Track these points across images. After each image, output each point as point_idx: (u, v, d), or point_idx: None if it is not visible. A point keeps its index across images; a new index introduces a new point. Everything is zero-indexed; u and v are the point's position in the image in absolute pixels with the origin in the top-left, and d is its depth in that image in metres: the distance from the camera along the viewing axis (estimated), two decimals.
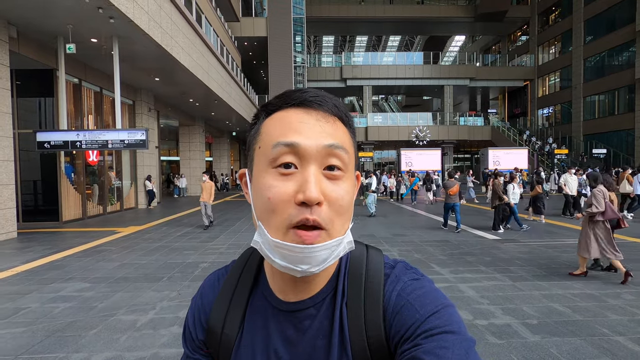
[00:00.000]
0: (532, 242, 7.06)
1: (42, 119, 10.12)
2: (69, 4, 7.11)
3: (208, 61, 14.48)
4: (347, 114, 0.54)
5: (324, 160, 0.48)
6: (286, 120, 0.50)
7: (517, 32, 37.49)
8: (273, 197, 0.47)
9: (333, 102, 0.52)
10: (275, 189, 0.47)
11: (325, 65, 35.32)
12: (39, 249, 6.83)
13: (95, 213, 11.70)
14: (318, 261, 0.47)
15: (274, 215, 0.47)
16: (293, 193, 0.47)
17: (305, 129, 0.48)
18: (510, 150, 25.97)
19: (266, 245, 0.49)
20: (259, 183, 0.50)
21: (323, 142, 0.48)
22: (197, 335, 0.60)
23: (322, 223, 0.46)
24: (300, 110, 0.50)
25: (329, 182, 0.48)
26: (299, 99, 0.51)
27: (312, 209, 0.46)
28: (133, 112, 14.20)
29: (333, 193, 0.48)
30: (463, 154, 43.20)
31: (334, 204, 0.48)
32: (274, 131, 0.50)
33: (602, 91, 26.25)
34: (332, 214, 0.48)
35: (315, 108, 0.50)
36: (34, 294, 4.31)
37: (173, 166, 32.20)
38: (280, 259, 0.48)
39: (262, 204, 0.49)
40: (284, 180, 0.47)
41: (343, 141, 0.50)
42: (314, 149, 0.48)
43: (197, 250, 6.57)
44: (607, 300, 3.97)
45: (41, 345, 3.03)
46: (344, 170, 0.50)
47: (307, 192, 0.45)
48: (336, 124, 0.51)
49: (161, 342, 3.06)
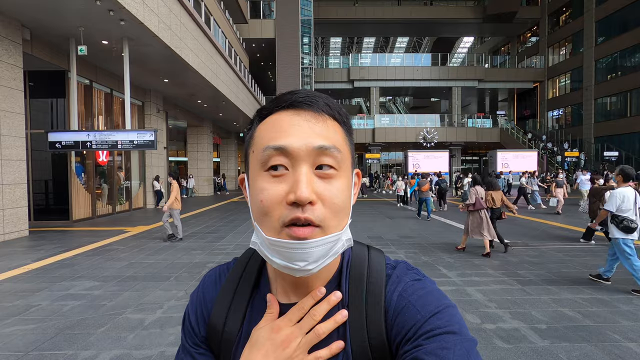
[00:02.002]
0: (541, 246, 6.96)
1: (53, 120, 10.30)
2: (80, 6, 7.24)
3: (216, 63, 14.59)
4: (340, 111, 0.54)
5: (316, 160, 0.49)
6: (277, 123, 0.51)
7: (527, 33, 37.07)
8: (265, 199, 0.48)
9: (324, 101, 0.52)
10: (267, 191, 0.48)
11: (332, 66, 35.33)
12: (49, 247, 6.94)
13: (104, 212, 11.85)
14: (315, 257, 0.47)
15: (267, 217, 0.48)
16: (284, 194, 0.47)
17: (294, 131, 0.49)
18: (520, 152, 25.67)
19: (263, 245, 0.50)
20: (253, 187, 0.51)
21: (313, 143, 0.48)
22: (199, 330, 0.60)
23: (316, 221, 0.47)
24: (291, 112, 0.51)
25: (322, 182, 0.49)
26: (289, 101, 0.51)
27: (304, 208, 0.46)
28: (142, 113, 14.37)
29: (326, 192, 0.48)
30: (471, 156, 42.81)
31: (327, 203, 0.48)
32: (265, 135, 0.51)
33: (614, 93, 25.81)
34: (327, 213, 0.48)
35: (305, 109, 0.51)
36: (44, 291, 4.38)
37: (181, 167, 32.45)
38: (278, 257, 0.48)
39: (257, 207, 0.50)
40: (276, 182, 0.48)
41: (334, 140, 0.50)
42: (304, 149, 0.48)
43: (204, 250, 6.61)
44: (619, 305, 3.89)
45: (51, 342, 3.08)
46: (337, 168, 0.50)
47: (298, 192, 0.46)
48: (327, 122, 0.51)
49: (168, 341, 3.08)
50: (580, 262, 5.72)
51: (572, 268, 5.40)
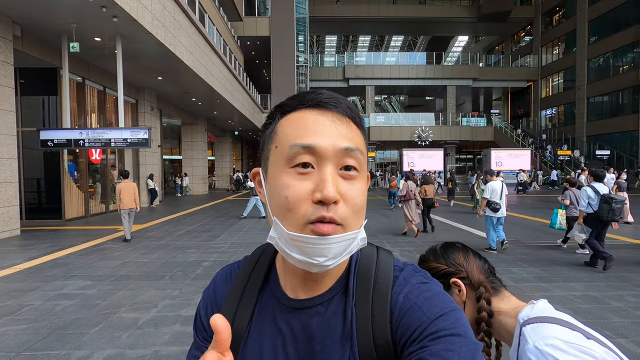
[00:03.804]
0: (534, 243, 7.03)
1: (45, 118, 10.17)
2: (72, 3, 7.14)
3: (211, 60, 14.50)
4: (359, 115, 0.55)
5: (341, 161, 0.50)
6: (302, 121, 0.51)
7: (521, 33, 37.34)
8: (290, 195, 0.48)
9: (347, 103, 0.54)
10: (293, 187, 0.48)
11: (327, 65, 35.34)
12: (41, 246, 6.86)
13: (97, 211, 11.75)
14: (334, 253, 0.48)
15: (291, 213, 0.48)
16: (310, 192, 0.48)
17: (321, 130, 0.50)
18: (513, 151, 25.88)
19: (282, 240, 0.50)
20: (276, 182, 0.51)
21: (340, 144, 0.49)
22: (208, 326, 0.61)
23: (339, 220, 0.47)
24: (315, 112, 0.51)
25: (345, 182, 0.50)
26: (314, 100, 0.52)
27: (329, 207, 0.47)
28: (136, 111, 14.25)
29: (349, 192, 0.49)
30: (465, 154, 43.08)
31: (350, 203, 0.49)
32: (290, 131, 0.51)
33: (606, 92, 26.12)
34: (348, 212, 0.49)
35: (330, 109, 0.51)
36: (36, 291, 4.34)
37: (175, 165, 32.28)
38: (297, 252, 0.49)
39: (279, 202, 0.50)
40: (301, 179, 0.49)
41: (358, 142, 0.52)
42: (331, 150, 0.49)
43: (199, 249, 6.58)
44: (610, 302, 3.95)
45: (43, 342, 3.05)
46: (359, 170, 0.51)
47: (325, 191, 0.47)
48: (350, 125, 0.52)
49: (162, 340, 3.06)
50: (572, 260, 5.79)
51: (564, 266, 5.46)
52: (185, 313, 3.65)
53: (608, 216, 5.12)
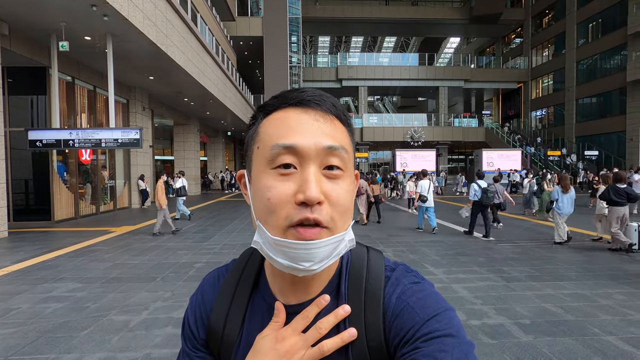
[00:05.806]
0: (525, 243, 7.12)
1: (34, 117, 9.99)
2: (62, 1, 7.03)
3: (203, 60, 14.41)
4: (345, 112, 0.53)
5: (324, 160, 0.48)
6: (284, 120, 0.50)
7: (511, 35, 37.79)
8: (272, 197, 0.47)
9: (331, 101, 0.52)
10: (275, 189, 0.47)
11: (321, 65, 35.32)
12: (30, 248, 6.74)
13: (88, 212, 11.58)
14: (320, 257, 0.47)
15: (274, 216, 0.47)
16: (293, 193, 0.46)
17: (303, 129, 0.48)
18: (504, 151, 26.16)
19: (267, 245, 0.49)
20: (258, 184, 0.49)
21: (322, 143, 0.48)
22: (198, 333, 0.59)
23: (323, 221, 0.46)
24: (298, 110, 0.50)
25: (329, 182, 0.48)
26: (296, 99, 0.50)
27: (313, 208, 0.46)
28: (127, 111, 14.08)
29: (334, 192, 0.48)
30: (457, 155, 43.45)
31: (335, 203, 0.47)
32: (272, 131, 0.49)
33: (595, 94, 26.54)
34: (333, 213, 0.47)
35: (313, 107, 0.50)
36: (25, 294, 4.26)
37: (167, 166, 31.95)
38: (282, 257, 0.47)
39: (262, 205, 0.48)
40: (283, 180, 0.47)
41: (342, 141, 0.50)
42: (313, 149, 0.47)
43: (191, 250, 6.53)
44: (599, 300, 4.01)
45: (32, 346, 2.99)
46: (344, 169, 0.50)
47: (308, 191, 0.45)
48: (334, 123, 0.51)
49: (154, 343, 3.03)
50: (563, 259, 5.88)
51: (554, 264, 5.54)
52: (177, 315, 3.61)
53: (485, 201, 7.74)
